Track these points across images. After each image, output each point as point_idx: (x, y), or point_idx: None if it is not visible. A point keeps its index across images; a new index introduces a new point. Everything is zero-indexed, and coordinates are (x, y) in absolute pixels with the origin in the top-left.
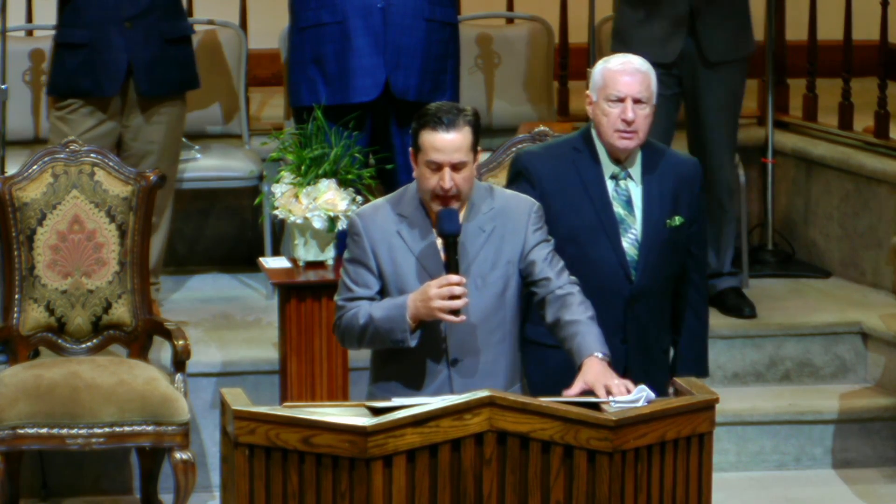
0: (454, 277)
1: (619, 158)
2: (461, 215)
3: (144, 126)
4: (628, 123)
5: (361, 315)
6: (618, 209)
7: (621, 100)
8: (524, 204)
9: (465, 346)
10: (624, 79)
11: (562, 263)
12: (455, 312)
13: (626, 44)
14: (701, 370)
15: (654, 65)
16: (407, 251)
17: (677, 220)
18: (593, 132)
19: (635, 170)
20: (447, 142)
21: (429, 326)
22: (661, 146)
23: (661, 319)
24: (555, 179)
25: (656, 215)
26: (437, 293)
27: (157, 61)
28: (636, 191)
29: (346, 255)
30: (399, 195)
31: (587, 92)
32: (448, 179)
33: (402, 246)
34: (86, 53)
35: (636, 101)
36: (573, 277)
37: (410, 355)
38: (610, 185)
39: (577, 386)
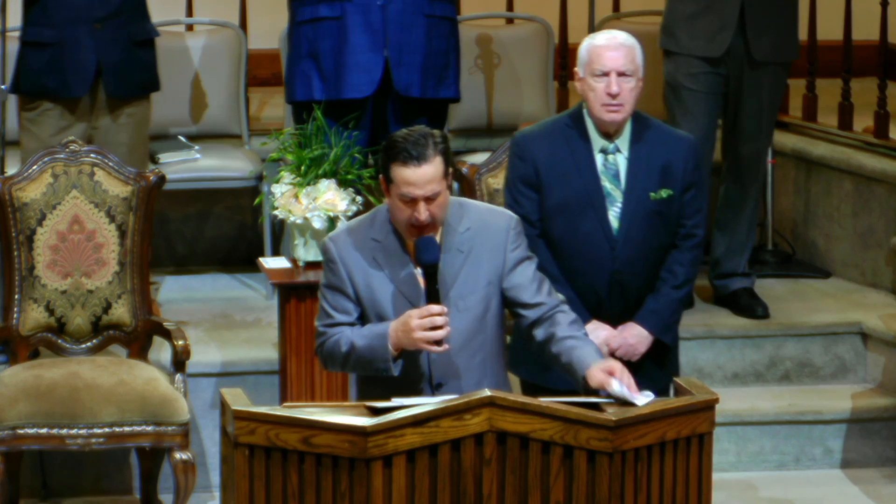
0: (435, 308)
1: (609, 132)
2: (437, 237)
3: (112, 127)
4: (613, 97)
5: (343, 342)
6: (605, 182)
7: (606, 74)
8: (501, 220)
9: (448, 370)
10: (608, 53)
11: (548, 283)
12: (438, 342)
13: (674, 38)
14: (657, 326)
15: (702, 60)
16: (384, 278)
17: (664, 192)
18: (584, 109)
19: (624, 143)
20: (419, 176)
21: (411, 352)
22: (653, 120)
23: (648, 290)
24: (547, 155)
25: (640, 187)
26: (419, 324)
27: (125, 63)
28: (624, 164)
29: (323, 280)
30: (371, 218)
31: (575, 69)
32: (423, 212)
33: (378, 272)
34: (52, 53)
35: (621, 75)
36: (560, 296)
37: (394, 380)
38: (599, 159)
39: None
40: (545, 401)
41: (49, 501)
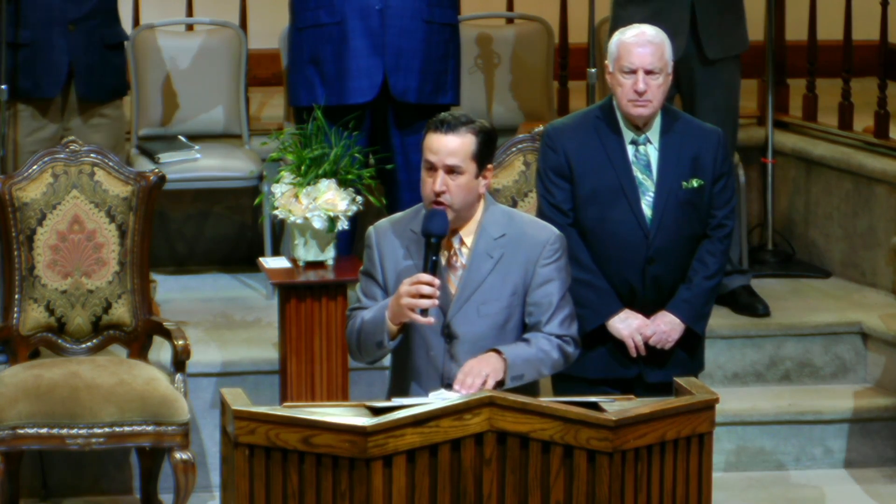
0: (425, 276)
1: (638, 125)
2: (471, 238)
3: (84, 129)
4: (640, 94)
5: (358, 320)
6: (637, 173)
7: (634, 71)
8: (542, 235)
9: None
10: (636, 50)
11: (567, 315)
12: (424, 313)
13: None
14: (690, 315)
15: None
16: (413, 269)
17: (695, 182)
18: (614, 101)
19: (654, 135)
20: (442, 143)
21: (427, 352)
22: (682, 113)
23: (681, 279)
24: (578, 146)
25: (671, 176)
26: (406, 290)
27: (97, 65)
28: (655, 155)
29: (362, 266)
30: (415, 211)
31: (606, 62)
32: (440, 182)
33: (409, 263)
34: (27, 54)
35: (648, 73)
36: (574, 330)
37: (410, 376)
38: (630, 150)
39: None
40: (545, 401)
41: (49, 501)
